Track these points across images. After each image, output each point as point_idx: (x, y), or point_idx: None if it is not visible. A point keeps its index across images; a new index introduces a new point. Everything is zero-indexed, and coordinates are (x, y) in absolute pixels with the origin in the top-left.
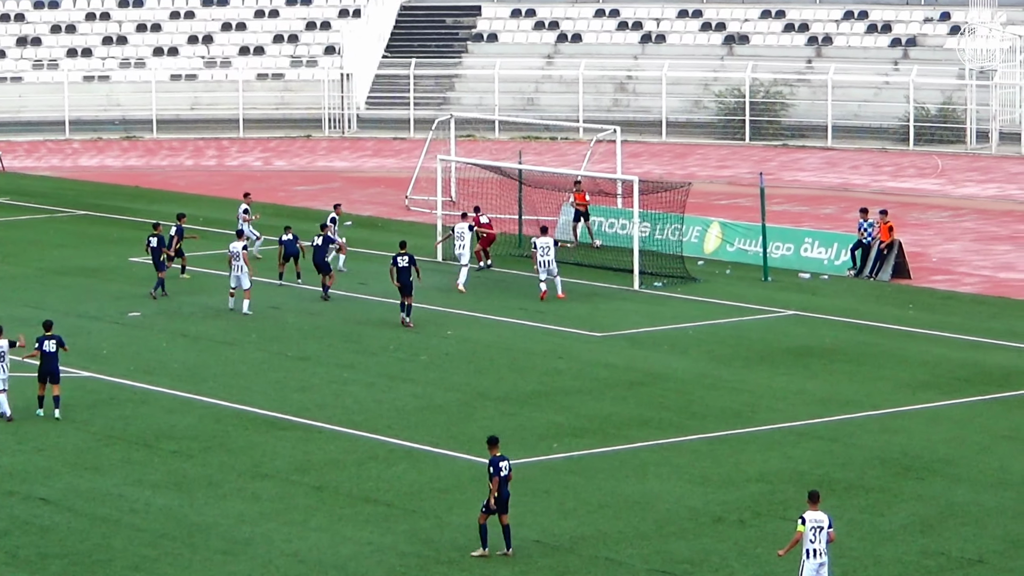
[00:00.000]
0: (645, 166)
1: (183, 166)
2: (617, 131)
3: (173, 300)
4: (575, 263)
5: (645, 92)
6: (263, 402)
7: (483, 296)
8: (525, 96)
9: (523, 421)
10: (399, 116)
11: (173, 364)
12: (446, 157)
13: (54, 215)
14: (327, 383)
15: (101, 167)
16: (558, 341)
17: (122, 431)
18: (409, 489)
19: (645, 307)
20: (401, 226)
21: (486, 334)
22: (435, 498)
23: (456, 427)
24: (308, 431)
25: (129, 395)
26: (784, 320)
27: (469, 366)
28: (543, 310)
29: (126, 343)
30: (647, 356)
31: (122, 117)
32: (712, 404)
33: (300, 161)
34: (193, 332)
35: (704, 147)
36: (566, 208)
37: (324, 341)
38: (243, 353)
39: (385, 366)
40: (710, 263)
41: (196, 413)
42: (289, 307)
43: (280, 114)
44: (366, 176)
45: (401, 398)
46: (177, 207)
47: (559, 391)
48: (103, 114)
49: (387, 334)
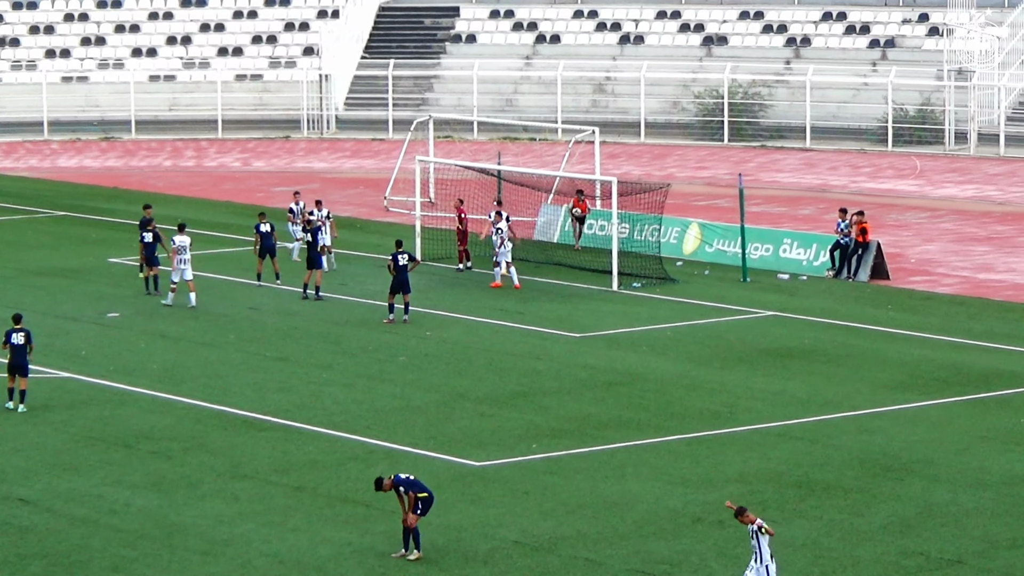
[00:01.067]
0: (624, 167)
1: (162, 167)
2: (596, 132)
3: (152, 301)
4: (554, 263)
5: (624, 93)
6: (242, 403)
7: (462, 297)
8: (504, 97)
9: (502, 422)
10: (378, 117)
11: (152, 365)
12: (425, 158)
13: (33, 216)
14: (306, 384)
15: (80, 168)
16: (537, 342)
17: (101, 431)
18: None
19: (624, 308)
20: (380, 227)
21: (465, 335)
22: None
23: (435, 428)
24: (287, 432)
25: (108, 396)
26: (763, 321)
27: (448, 367)
28: (522, 311)
29: (105, 344)
30: (626, 357)
31: (101, 118)
32: (691, 405)
33: (279, 162)
34: (172, 333)
35: (683, 148)
36: (545, 208)
37: (303, 342)
38: (222, 354)
39: (364, 367)
40: (689, 264)
41: (175, 414)
42: (268, 308)
43: (259, 115)
44: (345, 177)
45: (380, 399)
46: (156, 208)
47: (538, 392)
48: (82, 115)
49: (366, 335)
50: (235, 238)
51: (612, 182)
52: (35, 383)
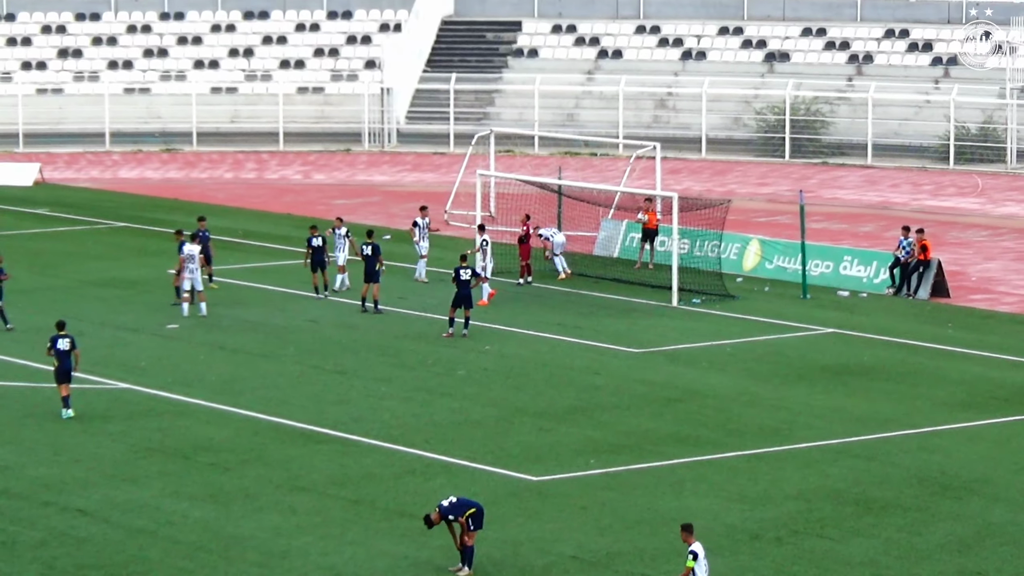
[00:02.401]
0: (684, 183)
1: (222, 179)
2: (657, 147)
3: (211, 313)
4: (613, 279)
5: (685, 109)
6: (300, 415)
7: (520, 311)
8: (565, 112)
9: (560, 437)
10: (439, 131)
11: (211, 376)
12: (486, 172)
13: (93, 227)
14: (364, 397)
15: (141, 179)
16: (595, 357)
17: (159, 443)
18: None
19: (683, 324)
20: (440, 240)
21: (524, 349)
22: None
23: (493, 442)
24: (345, 444)
25: (167, 407)
26: (822, 338)
27: (507, 381)
28: (581, 326)
29: (164, 355)
30: (685, 373)
31: (162, 129)
32: (750, 421)
33: (339, 175)
34: (231, 344)
35: (744, 164)
36: (606, 223)
37: (361, 355)
38: (280, 366)
39: (423, 380)
40: (749, 280)
41: (233, 426)
42: (327, 320)
43: (320, 128)
44: (405, 190)
45: (438, 412)
46: (217, 219)
47: (596, 407)
48: (143, 126)
49: (425, 348)
50: (295, 250)
51: (673, 198)
52: (94, 394)
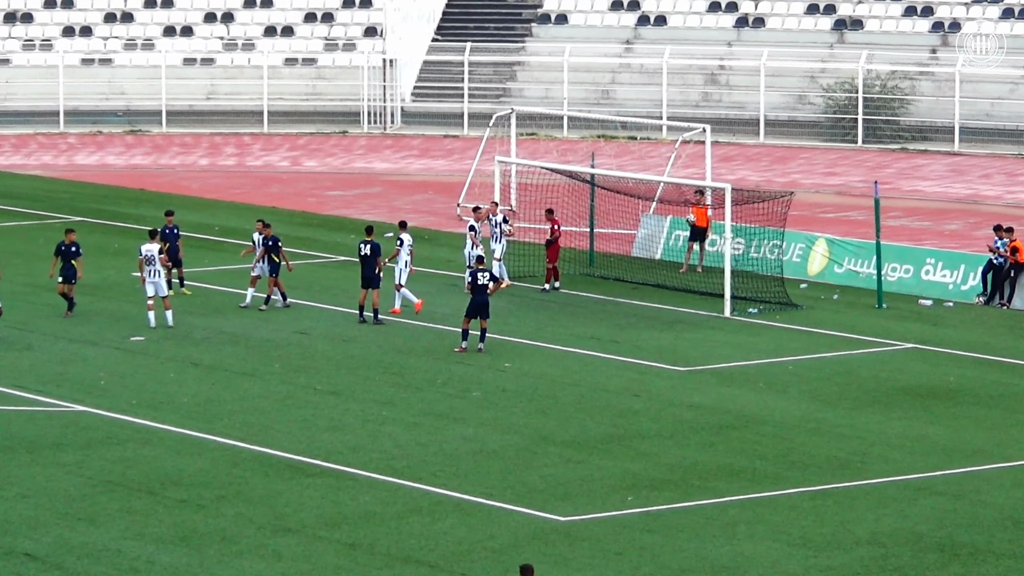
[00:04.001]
0: (739, 172)
1: (197, 166)
2: (707, 130)
3: (183, 323)
4: (655, 285)
5: (740, 85)
6: (287, 443)
7: (546, 322)
8: (599, 88)
9: (592, 470)
10: (451, 110)
11: (182, 398)
12: (505, 159)
13: (46, 222)
14: (362, 422)
15: (101, 166)
16: (635, 376)
17: (122, 476)
18: (457, 548)
19: (738, 337)
20: (452, 239)
21: (550, 367)
22: (488, 559)
23: (514, 476)
24: (339, 478)
25: (130, 433)
26: (901, 354)
27: (530, 404)
28: (617, 340)
29: (128, 372)
30: (739, 395)
31: (126, 107)
32: (815, 452)
33: (334, 161)
34: (206, 360)
35: (809, 150)
36: (646, 219)
37: (359, 373)
38: (264, 386)
39: (431, 403)
40: (814, 286)
41: (208, 455)
42: (319, 332)
43: (311, 106)
44: (411, 180)
45: (449, 441)
46: (190, 214)
47: (635, 435)
48: (104, 104)
49: (434, 365)
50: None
51: (726, 189)
52: (45, 418)
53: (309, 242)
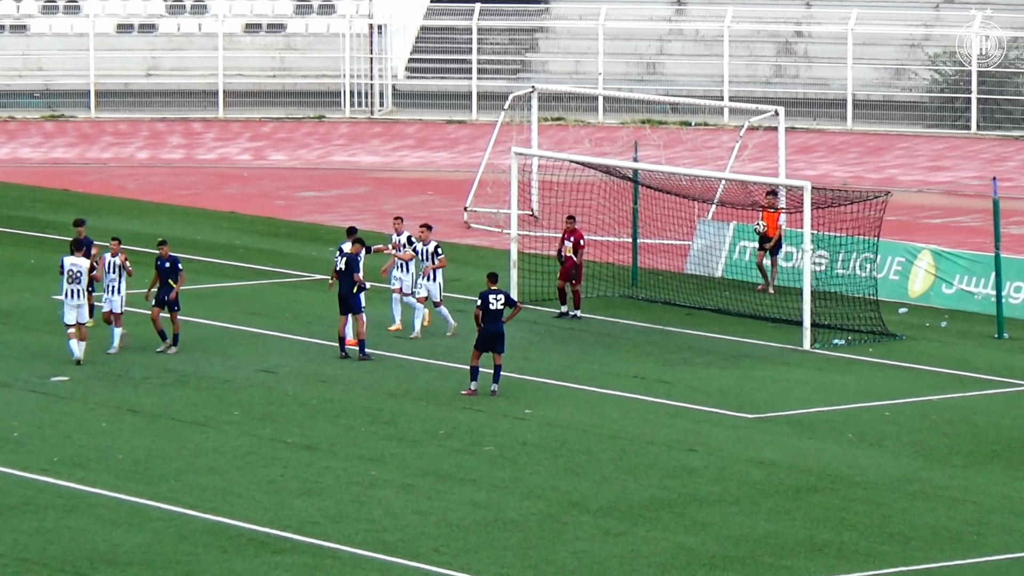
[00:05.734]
0: (821, 166)
1: (134, 159)
2: (779, 113)
3: (118, 358)
4: (715, 310)
5: (821, 56)
6: (250, 512)
7: (578, 357)
8: (643, 61)
9: (636, 544)
10: (455, 88)
11: (117, 454)
12: (524, 150)
13: None
14: (345, 484)
15: (13, 160)
16: (689, 425)
17: (40, 552)
18: None
19: (820, 376)
20: (458, 252)
21: (582, 414)
22: None
23: (537, 552)
24: (317, 555)
25: (51, 499)
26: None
27: (557, 462)
28: (667, 379)
29: (48, 421)
30: (822, 449)
31: (45, 87)
32: (918, 522)
33: (308, 154)
34: (148, 406)
35: (909, 138)
36: (704, 226)
37: (341, 422)
38: (221, 438)
39: (432, 460)
40: (917, 311)
41: (150, 527)
42: (290, 371)
43: (279, 84)
44: (404, 177)
45: (456, 508)
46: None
47: (690, 500)
48: (16, 82)
49: (435, 412)
50: (244, 267)
51: (804, 188)
52: None
53: (276, 256)
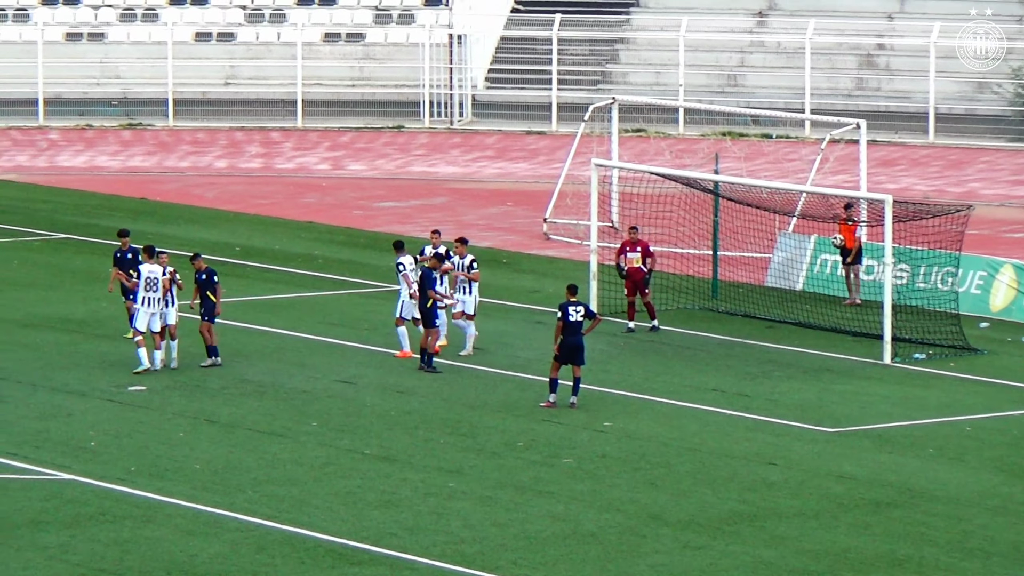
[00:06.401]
0: (903, 179)
1: (212, 168)
2: (861, 127)
3: (194, 368)
4: (796, 323)
5: (903, 69)
6: (327, 523)
7: (658, 370)
8: (724, 73)
9: (715, 557)
10: (534, 99)
11: (194, 464)
12: (604, 161)
13: (21, 239)
14: (423, 496)
15: (91, 168)
16: (769, 439)
17: (117, 563)
18: None
19: (901, 390)
20: (537, 263)
21: (661, 427)
22: None
23: (616, 565)
24: (394, 567)
25: (128, 509)
26: None
27: (636, 474)
28: (747, 393)
29: (125, 431)
30: (903, 463)
31: (123, 95)
32: (999, 537)
33: (387, 164)
34: (225, 416)
35: (992, 152)
36: (784, 239)
37: (419, 434)
38: (298, 449)
39: (510, 472)
40: (998, 325)
41: (227, 537)
42: (368, 382)
43: (358, 94)
44: (484, 188)
45: (534, 520)
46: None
47: (770, 513)
48: (95, 90)
49: (514, 424)
50: (322, 277)
51: (885, 202)
52: (19, 488)
53: (354, 266)
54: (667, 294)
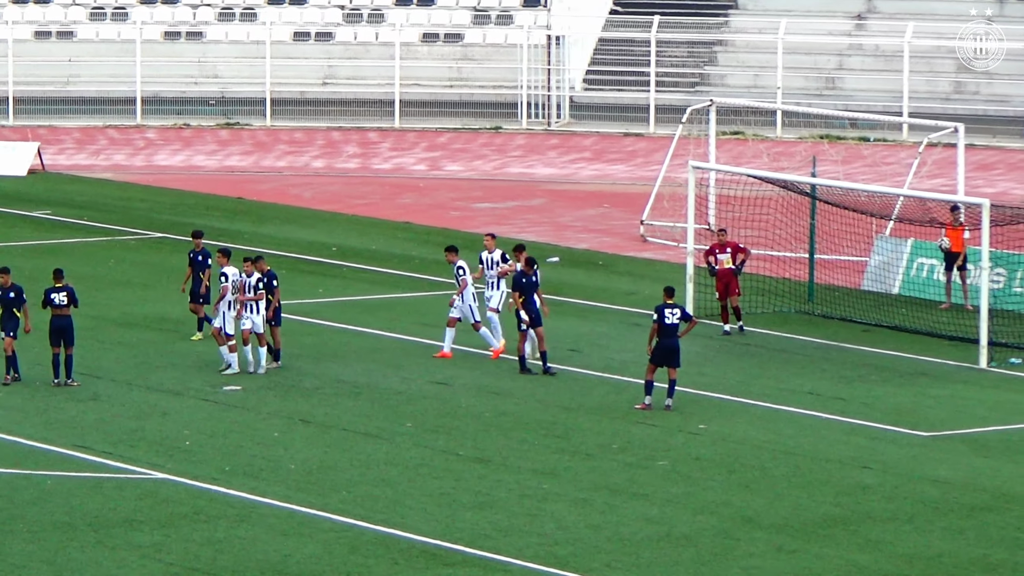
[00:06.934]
0: (1000, 183)
1: (309, 168)
2: (959, 130)
3: (290, 369)
4: (892, 327)
5: (1003, 73)
6: (421, 524)
7: (753, 373)
8: (822, 75)
9: (809, 561)
10: (633, 101)
11: (288, 464)
12: (701, 164)
13: (117, 238)
14: (517, 497)
15: (188, 167)
16: (864, 443)
17: (210, 563)
18: None
19: (997, 394)
20: (633, 265)
21: (756, 430)
22: None
23: (709, 568)
24: (488, 569)
25: (222, 508)
26: None
27: (730, 477)
28: (843, 396)
29: (220, 431)
30: (998, 468)
31: (221, 94)
32: None
33: (484, 165)
34: (319, 417)
35: None
36: (881, 243)
37: (514, 435)
38: (393, 450)
39: (604, 474)
40: None
41: (320, 538)
42: (462, 382)
43: (456, 95)
44: (581, 189)
45: (628, 522)
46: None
47: (864, 517)
48: (192, 89)
49: (609, 426)
50: (418, 278)
51: (983, 206)
52: (114, 487)
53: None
54: (763, 297)
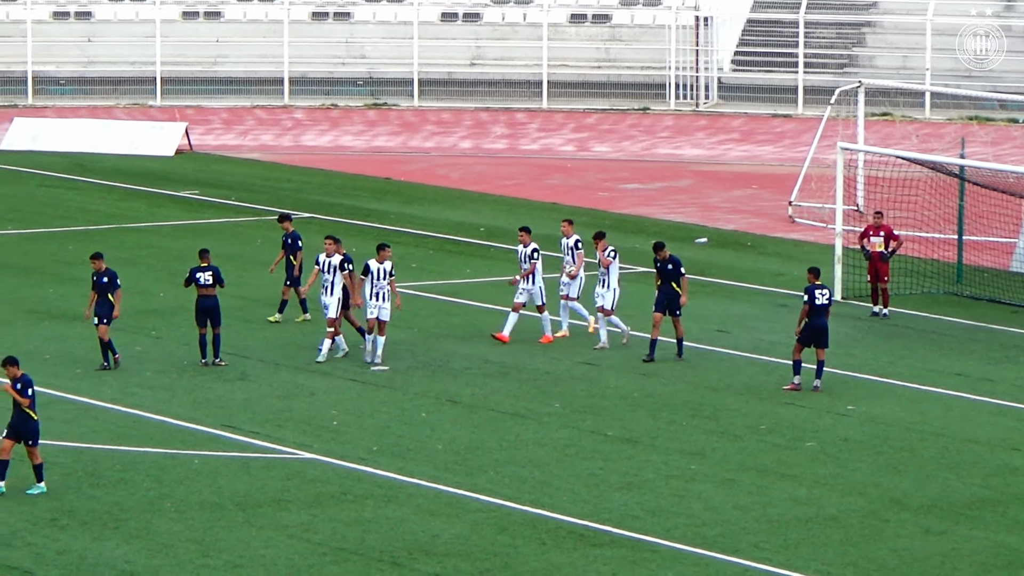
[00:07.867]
0: None
1: (456, 149)
2: None
3: (437, 350)
4: None
5: None
6: (569, 504)
7: (902, 354)
8: (972, 56)
9: (957, 542)
10: (780, 83)
11: (436, 444)
12: (850, 145)
13: (263, 218)
14: (664, 478)
15: (335, 148)
16: (1014, 424)
17: (359, 542)
18: None
19: None
20: (782, 246)
21: (904, 411)
22: None
23: (857, 549)
24: (635, 549)
25: (370, 488)
26: None
27: (878, 458)
28: (992, 378)
29: (367, 411)
30: None
31: (368, 75)
32: None
33: (632, 146)
34: (467, 397)
35: None
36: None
37: (662, 416)
38: (540, 430)
39: (752, 455)
40: None
41: (468, 518)
42: (610, 362)
43: (603, 76)
44: (728, 170)
45: (776, 503)
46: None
47: (1013, 499)
48: (340, 70)
49: (756, 407)
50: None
51: None
52: (262, 466)
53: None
54: (911, 278)
